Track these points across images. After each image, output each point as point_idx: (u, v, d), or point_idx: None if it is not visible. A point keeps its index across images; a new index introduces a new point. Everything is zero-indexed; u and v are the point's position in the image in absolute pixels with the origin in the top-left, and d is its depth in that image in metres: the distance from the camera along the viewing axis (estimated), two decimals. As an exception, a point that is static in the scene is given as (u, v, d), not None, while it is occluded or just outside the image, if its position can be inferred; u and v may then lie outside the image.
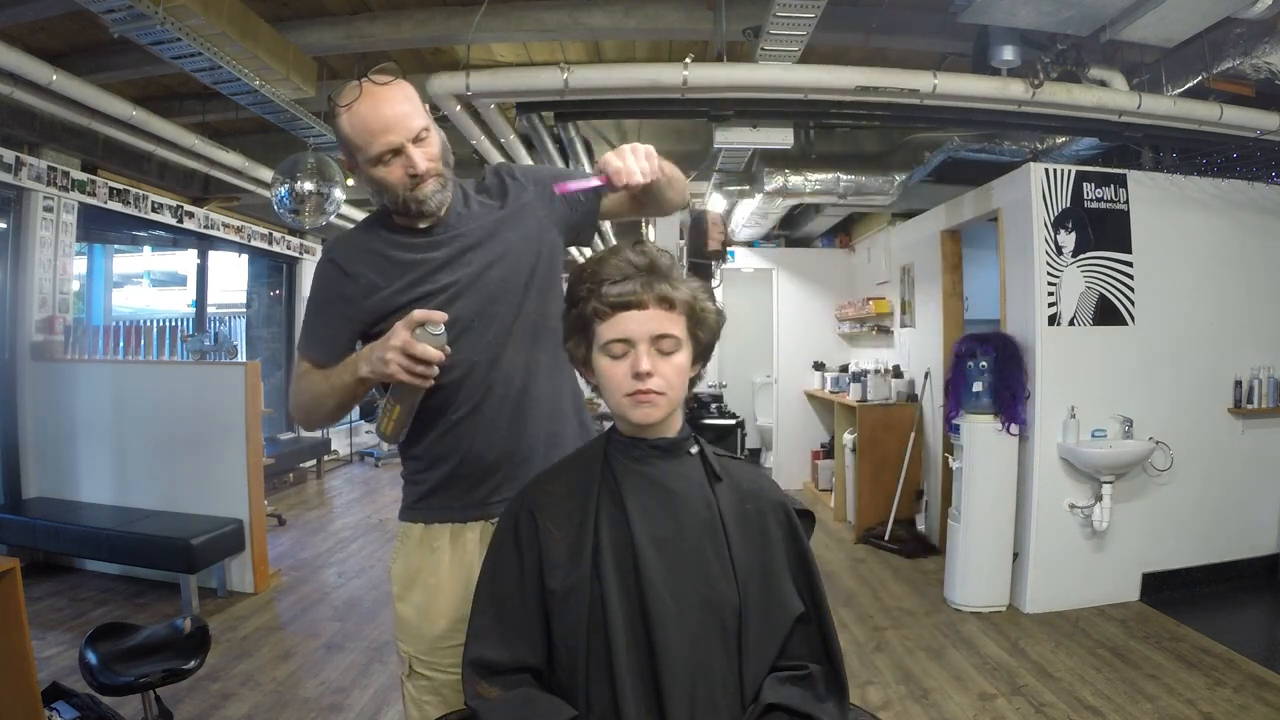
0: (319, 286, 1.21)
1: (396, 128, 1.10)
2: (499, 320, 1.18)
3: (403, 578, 1.22)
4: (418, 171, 1.11)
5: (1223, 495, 3.57)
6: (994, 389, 3.41)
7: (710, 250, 4.11)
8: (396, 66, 1.14)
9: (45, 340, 3.94)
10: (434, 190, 1.14)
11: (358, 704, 2.53)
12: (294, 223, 3.69)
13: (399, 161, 1.11)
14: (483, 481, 1.20)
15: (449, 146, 1.19)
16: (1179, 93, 3.01)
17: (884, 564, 4.12)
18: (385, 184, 1.13)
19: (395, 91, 1.11)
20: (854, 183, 4.13)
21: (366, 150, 1.11)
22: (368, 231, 1.23)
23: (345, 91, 1.11)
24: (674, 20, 2.99)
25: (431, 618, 1.18)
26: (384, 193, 1.14)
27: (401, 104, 1.11)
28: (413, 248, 1.18)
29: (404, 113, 1.11)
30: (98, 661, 1.66)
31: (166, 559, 3.27)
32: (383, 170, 1.12)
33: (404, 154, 1.11)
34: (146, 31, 2.49)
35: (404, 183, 1.12)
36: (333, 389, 1.16)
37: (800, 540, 1.00)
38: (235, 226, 5.73)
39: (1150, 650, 2.89)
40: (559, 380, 1.26)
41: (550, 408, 1.24)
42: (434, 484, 1.21)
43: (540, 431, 1.22)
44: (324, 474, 6.81)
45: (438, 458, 1.21)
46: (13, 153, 3.71)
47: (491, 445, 1.19)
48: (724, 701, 0.91)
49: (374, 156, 1.11)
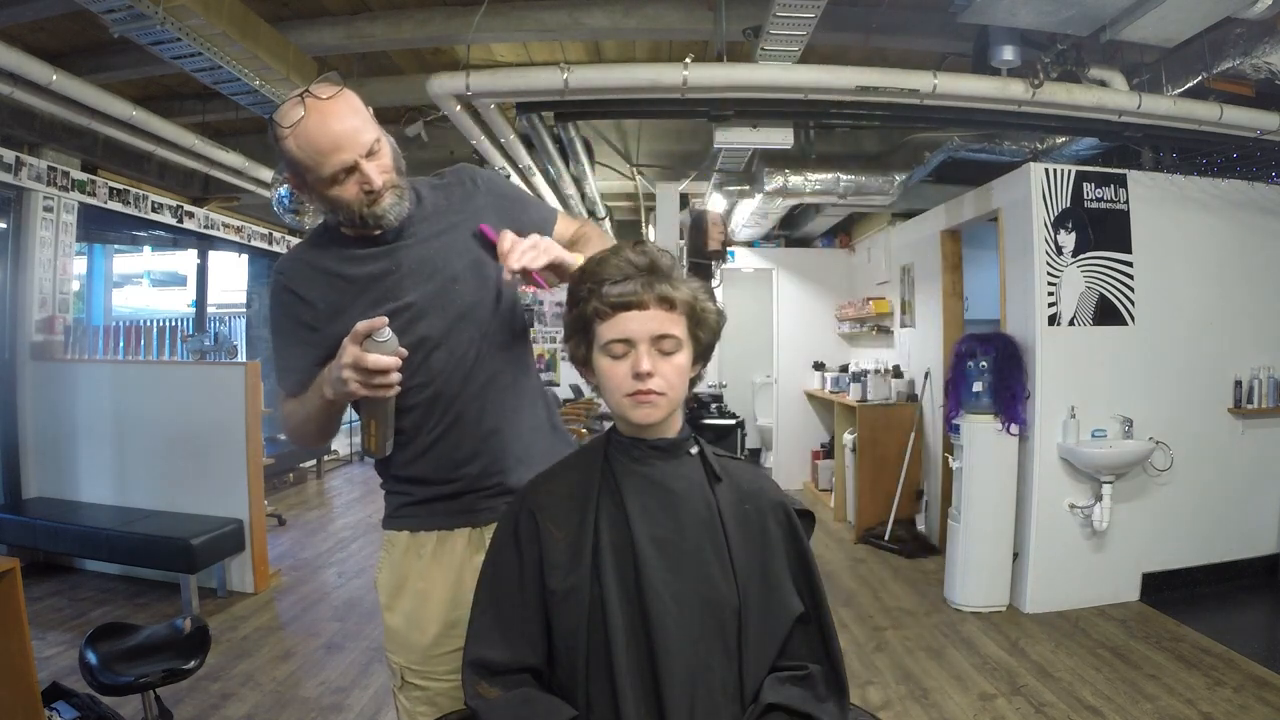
0: (278, 315, 1.16)
1: (348, 144, 1.04)
2: (467, 334, 1.16)
3: (390, 586, 1.19)
4: (374, 188, 1.06)
5: (1223, 495, 3.57)
6: (994, 389, 3.41)
7: (710, 250, 4.11)
8: (338, 75, 1.08)
9: (45, 340, 3.94)
10: (392, 204, 1.09)
11: (358, 704, 2.53)
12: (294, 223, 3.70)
13: (354, 179, 1.06)
14: (464, 494, 1.18)
15: (399, 151, 1.13)
16: (1179, 93, 3.01)
17: (884, 564, 4.12)
18: (340, 203, 1.08)
19: (342, 105, 1.04)
20: (854, 183, 4.13)
21: (318, 171, 1.05)
22: (317, 249, 1.17)
23: (288, 110, 1.03)
24: (674, 20, 2.99)
25: (421, 625, 1.16)
26: (339, 210, 1.09)
27: (350, 118, 1.05)
28: (369, 259, 1.14)
29: (354, 128, 1.04)
30: (98, 661, 1.66)
31: (166, 559, 3.27)
32: (337, 190, 1.06)
33: (358, 170, 1.05)
34: (146, 31, 2.49)
35: (360, 199, 1.07)
36: (309, 415, 1.14)
37: (800, 540, 1.00)
38: (235, 226, 5.73)
39: (1150, 650, 2.89)
40: (529, 389, 1.25)
41: (526, 418, 1.23)
42: (418, 497, 1.19)
43: (517, 443, 1.21)
44: (324, 474, 6.81)
45: (416, 478, 1.19)
46: (13, 153, 3.71)
47: (470, 461, 1.17)
48: (724, 701, 0.91)
49: (327, 177, 1.05)
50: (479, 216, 1.19)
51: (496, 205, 1.23)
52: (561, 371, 10.29)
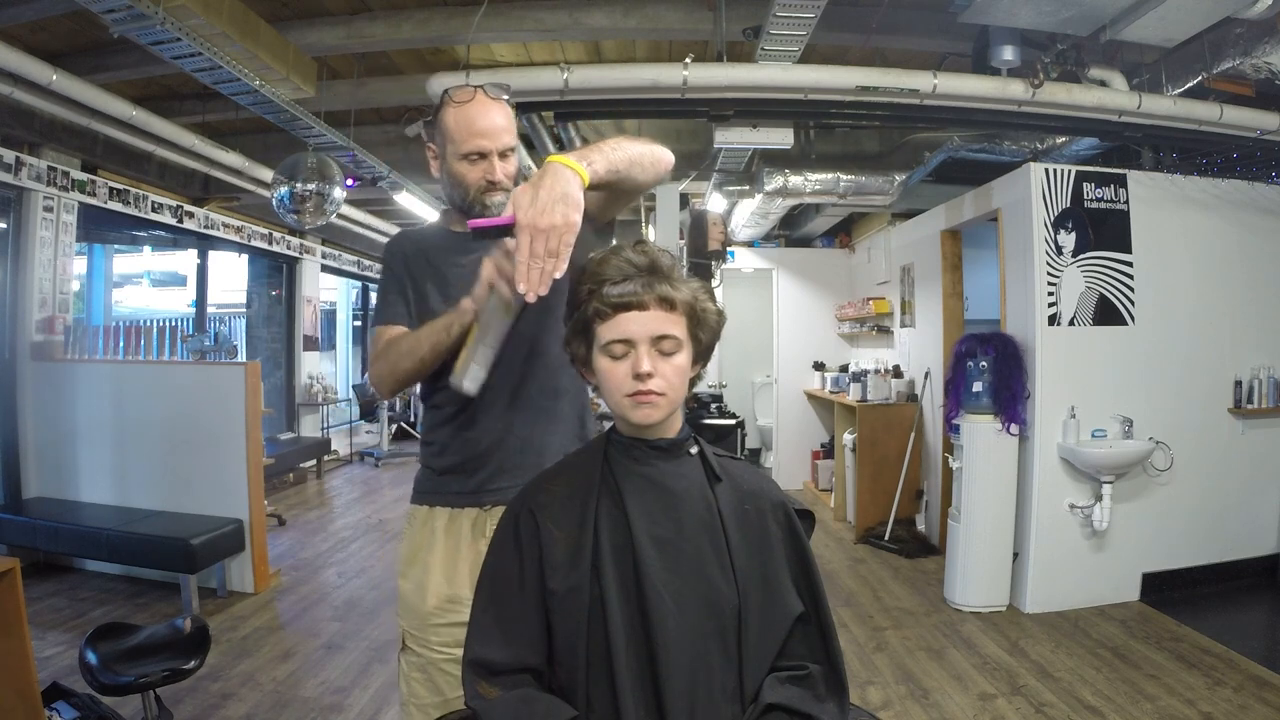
0: (387, 268, 1.33)
1: (492, 136, 1.22)
2: (518, 342, 1.21)
3: (406, 556, 1.29)
4: (495, 179, 1.23)
5: (1223, 495, 3.57)
6: (994, 389, 3.41)
7: (710, 250, 4.11)
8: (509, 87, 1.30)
9: (45, 340, 3.94)
10: (500, 202, 1.23)
11: (358, 704, 2.53)
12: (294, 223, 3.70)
13: (482, 165, 1.23)
14: (477, 471, 1.25)
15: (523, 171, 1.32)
16: (1179, 93, 3.01)
17: (884, 564, 4.12)
18: (463, 180, 1.24)
19: (500, 107, 1.25)
20: (854, 183, 4.13)
21: (459, 145, 1.22)
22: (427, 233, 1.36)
23: (461, 91, 1.24)
24: (674, 20, 2.99)
25: (424, 594, 1.25)
26: (457, 188, 1.26)
27: (500, 119, 1.24)
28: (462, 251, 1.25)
29: (501, 127, 1.24)
30: (98, 661, 1.66)
31: (166, 559, 3.27)
32: (465, 166, 1.24)
33: (489, 160, 1.23)
34: (146, 31, 2.49)
35: (479, 185, 1.24)
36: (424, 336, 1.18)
37: (800, 540, 1.00)
38: (235, 226, 5.73)
39: (1150, 650, 2.89)
40: (569, 407, 1.30)
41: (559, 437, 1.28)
42: (441, 469, 1.28)
43: (545, 455, 1.24)
44: (324, 474, 6.81)
45: (444, 450, 1.28)
46: (13, 153, 3.71)
47: (491, 455, 1.25)
48: (724, 701, 0.91)
49: (463, 153, 1.23)
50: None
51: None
52: (561, 371, 10.37)
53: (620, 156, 1.10)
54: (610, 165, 1.07)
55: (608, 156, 1.07)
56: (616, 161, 1.09)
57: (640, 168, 1.16)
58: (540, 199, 0.96)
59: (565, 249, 0.96)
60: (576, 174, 0.99)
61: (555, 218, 0.95)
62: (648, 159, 1.17)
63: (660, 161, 1.21)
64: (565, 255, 0.96)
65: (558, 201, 0.96)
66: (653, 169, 1.19)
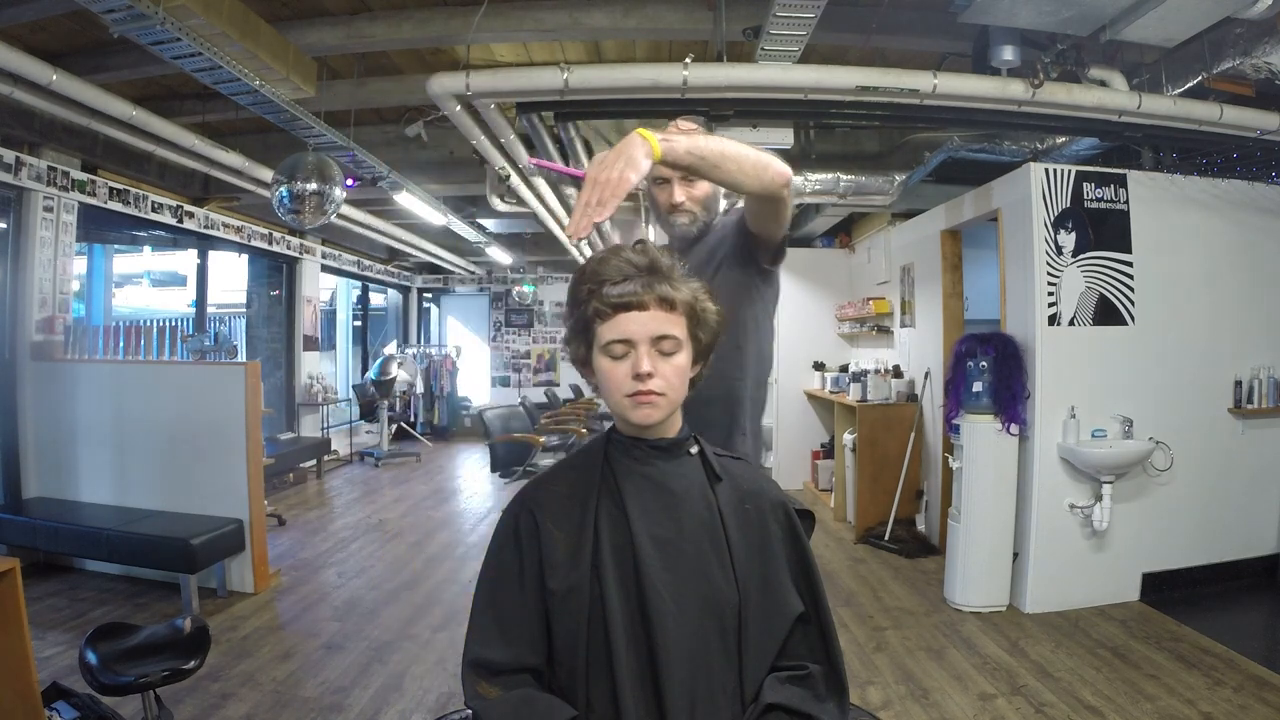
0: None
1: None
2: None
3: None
4: (673, 203, 1.47)
5: (1223, 495, 3.57)
6: (994, 389, 3.41)
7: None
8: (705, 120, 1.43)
9: (45, 340, 3.94)
10: (684, 222, 1.49)
11: (358, 704, 2.53)
12: (294, 223, 3.69)
13: (666, 190, 1.48)
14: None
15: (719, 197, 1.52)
16: (1179, 93, 3.01)
17: (884, 564, 4.12)
18: (656, 201, 1.50)
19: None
20: (854, 183, 4.12)
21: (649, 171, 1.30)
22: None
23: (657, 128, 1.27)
24: (674, 20, 2.99)
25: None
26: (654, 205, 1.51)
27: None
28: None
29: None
30: (98, 661, 1.66)
31: (166, 559, 3.27)
32: (657, 189, 1.49)
33: (669, 185, 1.46)
34: (146, 31, 2.49)
35: (665, 205, 1.50)
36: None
37: (800, 540, 1.00)
38: (235, 226, 5.73)
39: (1150, 650, 2.89)
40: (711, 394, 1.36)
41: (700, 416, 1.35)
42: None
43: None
44: (324, 474, 6.81)
45: None
46: (13, 153, 3.71)
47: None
48: (724, 701, 0.91)
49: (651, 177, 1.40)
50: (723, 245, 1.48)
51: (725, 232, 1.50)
52: (561, 371, 10.32)
53: (712, 148, 1.12)
54: (694, 149, 1.10)
55: (696, 141, 1.11)
56: (703, 149, 1.11)
57: (736, 164, 1.15)
58: (608, 157, 1.02)
59: (614, 200, 1.00)
60: (649, 144, 1.03)
61: (612, 173, 1.00)
62: (749, 161, 1.17)
63: (769, 168, 1.20)
64: (612, 206, 1.00)
65: (619, 160, 1.01)
66: (755, 172, 1.18)
